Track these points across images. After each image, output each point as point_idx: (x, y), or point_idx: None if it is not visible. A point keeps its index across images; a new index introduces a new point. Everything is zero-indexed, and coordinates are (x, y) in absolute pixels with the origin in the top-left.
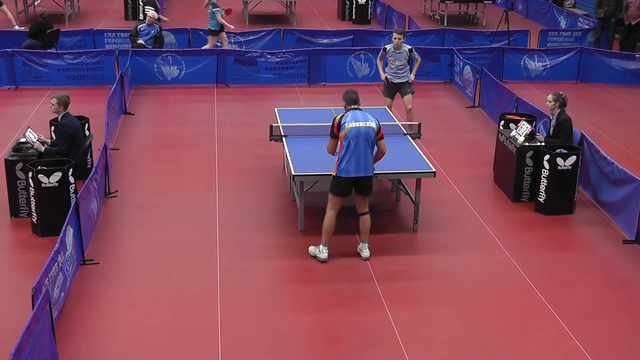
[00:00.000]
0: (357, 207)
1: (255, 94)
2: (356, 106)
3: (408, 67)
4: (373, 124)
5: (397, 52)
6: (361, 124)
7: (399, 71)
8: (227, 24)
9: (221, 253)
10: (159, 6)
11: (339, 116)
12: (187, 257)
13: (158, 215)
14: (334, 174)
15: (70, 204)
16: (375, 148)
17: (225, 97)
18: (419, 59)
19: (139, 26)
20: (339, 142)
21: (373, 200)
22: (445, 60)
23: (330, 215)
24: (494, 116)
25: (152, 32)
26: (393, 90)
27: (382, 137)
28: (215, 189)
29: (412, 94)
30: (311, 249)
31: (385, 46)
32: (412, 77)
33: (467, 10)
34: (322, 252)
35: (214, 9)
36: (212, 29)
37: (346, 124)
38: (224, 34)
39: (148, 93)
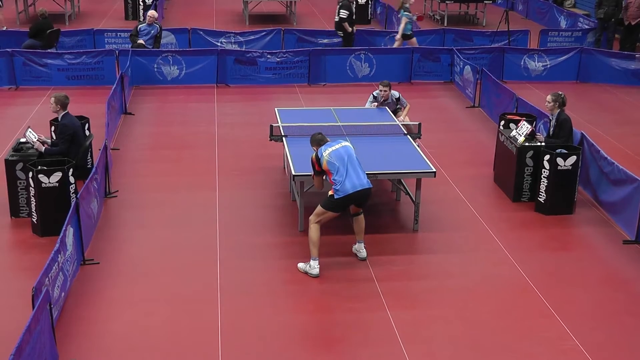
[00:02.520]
0: (351, 210)
1: (255, 94)
2: (322, 144)
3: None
4: (347, 142)
5: (385, 103)
6: (337, 146)
7: None
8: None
9: (221, 253)
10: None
11: (313, 155)
12: (187, 257)
13: (158, 215)
14: (331, 194)
15: (71, 204)
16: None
17: (226, 97)
18: (408, 106)
19: (139, 26)
20: (324, 176)
21: (373, 201)
22: (446, 60)
23: (316, 227)
24: (494, 116)
25: (152, 32)
26: None
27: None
28: (215, 189)
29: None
30: (300, 265)
31: (374, 93)
32: (402, 118)
33: (467, 10)
34: (313, 267)
35: (403, 13)
36: (404, 32)
37: (324, 153)
38: (414, 40)
39: (148, 93)
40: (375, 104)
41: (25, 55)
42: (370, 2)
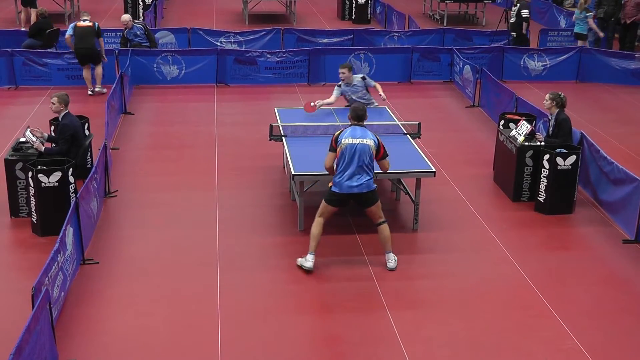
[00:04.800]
0: (371, 219)
1: (255, 93)
2: (359, 123)
3: (369, 95)
4: (371, 142)
5: (351, 86)
6: (358, 140)
7: (362, 101)
8: (598, 30)
9: (221, 253)
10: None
11: (339, 131)
12: (186, 257)
13: (158, 215)
14: (330, 185)
15: (70, 204)
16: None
17: (225, 96)
18: (376, 83)
19: (124, 33)
20: (336, 157)
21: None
22: (445, 60)
23: (319, 222)
24: (494, 116)
25: (139, 32)
26: None
27: (384, 157)
28: (215, 188)
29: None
30: (299, 260)
31: (339, 83)
32: (382, 95)
33: (467, 9)
34: (307, 260)
35: (587, 14)
36: (580, 32)
37: (343, 139)
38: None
39: (148, 93)
40: (339, 90)
41: (25, 55)
42: (370, 2)
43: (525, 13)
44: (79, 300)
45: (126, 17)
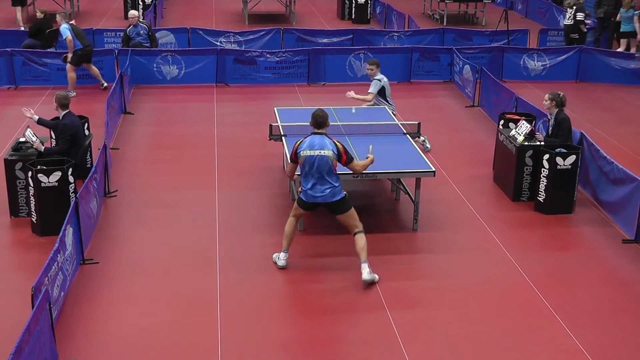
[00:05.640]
0: (346, 228)
1: (254, 93)
2: (319, 131)
3: (382, 100)
4: (329, 152)
5: (372, 80)
6: (316, 152)
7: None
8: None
9: (221, 253)
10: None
11: (298, 142)
12: (186, 257)
13: (158, 215)
14: (299, 191)
15: (70, 204)
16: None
17: (225, 96)
18: (369, 96)
19: (127, 30)
20: (298, 167)
21: (373, 200)
22: (445, 60)
23: (291, 221)
24: (494, 115)
25: (142, 32)
26: None
27: (349, 161)
28: (215, 188)
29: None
30: (274, 256)
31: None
32: (352, 94)
33: (467, 9)
34: (280, 259)
35: (634, 12)
36: (629, 31)
37: (301, 151)
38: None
39: (148, 92)
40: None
41: (24, 54)
42: (369, 2)
43: (580, 15)
44: (79, 300)
45: (135, 12)
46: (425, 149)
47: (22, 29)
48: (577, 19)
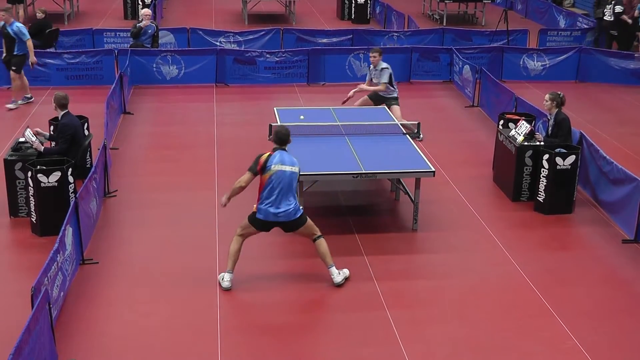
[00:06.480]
0: (306, 237)
1: (254, 93)
2: (282, 147)
3: (391, 88)
4: (298, 169)
5: (376, 70)
6: (287, 168)
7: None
8: None
9: (221, 253)
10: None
11: (266, 155)
12: (187, 257)
13: (157, 215)
14: (254, 210)
15: (70, 204)
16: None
17: (225, 96)
18: (381, 86)
19: (140, 25)
20: (255, 180)
21: (373, 200)
22: (445, 60)
23: (238, 240)
24: (493, 116)
25: (150, 31)
26: (377, 101)
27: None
28: (215, 188)
29: (398, 106)
30: (219, 275)
31: (369, 66)
32: (362, 85)
33: (467, 9)
34: (224, 280)
35: None
36: None
37: (273, 165)
38: None
39: (147, 92)
40: (368, 73)
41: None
42: (369, 2)
43: (619, 9)
44: (79, 300)
45: (148, 11)
46: (418, 139)
47: None
48: (616, 11)
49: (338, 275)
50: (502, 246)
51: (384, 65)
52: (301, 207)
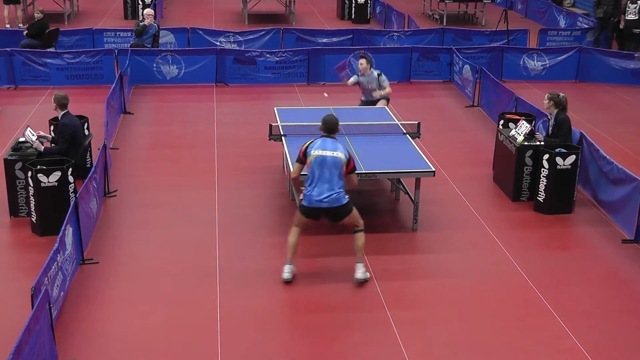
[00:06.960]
0: (347, 226)
1: (254, 93)
2: (330, 135)
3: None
4: (342, 155)
5: (366, 76)
6: (328, 152)
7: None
8: None
9: (221, 253)
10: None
11: (308, 142)
12: (187, 257)
13: (157, 214)
14: (301, 199)
15: (70, 204)
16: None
17: (225, 96)
18: (388, 89)
19: (142, 24)
20: (305, 168)
21: (373, 200)
22: (445, 60)
23: (294, 231)
24: (494, 115)
25: (151, 31)
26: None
27: (352, 170)
28: (215, 188)
29: (387, 101)
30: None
31: (358, 73)
32: (378, 93)
33: (467, 9)
34: (284, 271)
35: None
36: None
37: (312, 151)
38: None
39: (147, 92)
40: (356, 78)
41: (24, 54)
42: (369, 2)
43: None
44: (79, 300)
45: (151, 11)
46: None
47: (12, 28)
48: None
49: (362, 273)
50: (502, 246)
51: (377, 71)
52: (347, 197)
